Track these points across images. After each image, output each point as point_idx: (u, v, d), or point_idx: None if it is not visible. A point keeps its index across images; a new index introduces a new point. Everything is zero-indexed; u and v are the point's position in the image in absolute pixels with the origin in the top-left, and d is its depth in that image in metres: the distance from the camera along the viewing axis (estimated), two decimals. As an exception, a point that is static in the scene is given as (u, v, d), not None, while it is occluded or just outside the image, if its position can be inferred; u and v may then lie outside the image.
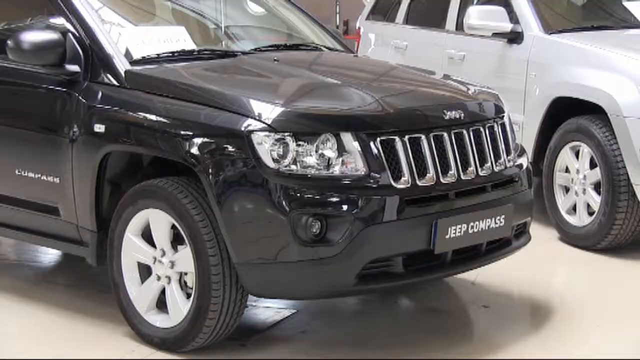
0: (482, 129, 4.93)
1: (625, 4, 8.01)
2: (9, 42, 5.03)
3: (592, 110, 6.59)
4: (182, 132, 4.54)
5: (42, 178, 5.20)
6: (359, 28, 9.56)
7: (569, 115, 6.82)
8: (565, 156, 6.84)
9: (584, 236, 6.70)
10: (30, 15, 5.52)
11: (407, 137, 4.52)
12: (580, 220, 6.76)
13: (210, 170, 4.39)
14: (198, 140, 4.47)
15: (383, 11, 9.17)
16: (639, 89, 6.30)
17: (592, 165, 6.61)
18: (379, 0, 9.44)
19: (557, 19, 7.57)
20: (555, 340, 5.02)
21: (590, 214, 6.66)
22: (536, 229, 5.49)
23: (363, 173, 4.39)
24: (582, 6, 8.39)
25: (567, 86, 6.83)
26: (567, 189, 6.85)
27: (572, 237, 6.82)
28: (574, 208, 6.80)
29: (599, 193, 6.58)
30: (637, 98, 6.28)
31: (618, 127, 6.35)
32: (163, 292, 4.73)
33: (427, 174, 4.56)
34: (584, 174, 6.68)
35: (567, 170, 6.84)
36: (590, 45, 6.94)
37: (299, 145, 4.34)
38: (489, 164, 4.90)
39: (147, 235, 4.75)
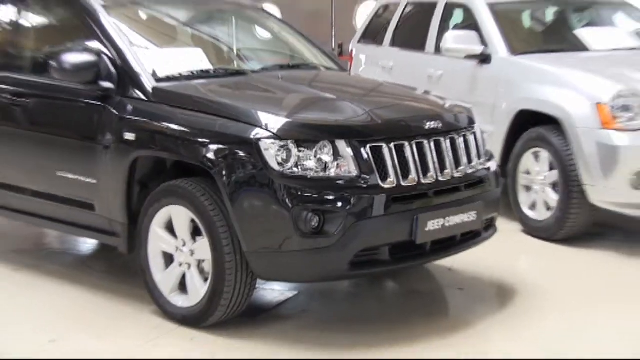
0: (456, 137, 4.97)
1: (576, 32, 8.05)
2: (52, 63, 5.10)
3: (550, 121, 6.65)
4: (200, 140, 4.61)
5: (80, 179, 5.24)
6: (352, 50, 9.59)
7: (531, 125, 6.87)
8: (528, 160, 6.89)
9: (543, 229, 6.76)
10: (70, 40, 5.50)
11: (392, 144, 4.58)
12: (540, 215, 6.81)
13: (224, 173, 4.45)
14: (214, 147, 4.53)
15: (372, 35, 9.19)
16: (589, 104, 6.33)
17: (550, 168, 6.63)
18: (368, 26, 9.46)
19: (520, 43, 7.60)
20: (519, 317, 5.08)
21: (548, 209, 6.70)
22: (502, 223, 5.53)
23: (355, 175, 4.44)
24: (542, 32, 8.45)
25: (529, 101, 6.89)
26: (528, 188, 6.88)
27: (532, 229, 6.87)
28: (534, 205, 6.81)
29: (556, 192, 6.61)
30: (587, 112, 6.33)
31: (572, 136, 6.41)
32: (184, 276, 4.77)
33: (410, 176, 4.61)
34: (543, 176, 6.72)
35: (528, 172, 6.89)
36: (548, 66, 7.01)
37: (300, 151, 4.40)
38: (463, 167, 4.95)
39: (170, 228, 4.80)
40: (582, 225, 6.60)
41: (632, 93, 6.25)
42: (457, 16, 8.21)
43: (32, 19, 6.03)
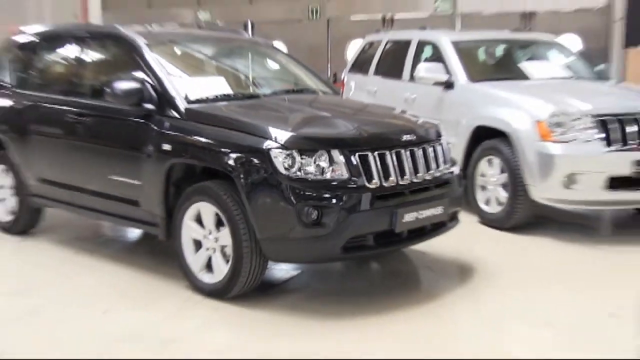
0: (427, 147, 4.96)
1: (520, 64, 8.07)
2: (107, 89, 5.11)
3: (500, 135, 6.63)
4: (223, 150, 4.60)
5: (128, 181, 5.22)
6: (343, 78, 9.56)
7: (486, 138, 6.85)
8: (483, 165, 6.87)
9: (495, 219, 6.73)
10: (121, 71, 5.49)
11: (376, 152, 4.58)
12: (492, 208, 6.78)
13: (242, 176, 4.44)
14: (234, 155, 4.52)
15: (360, 66, 9.17)
16: (530, 121, 6.32)
17: (501, 171, 6.61)
18: (357, 59, 9.44)
19: (477, 73, 7.60)
20: (477, 289, 5.05)
21: (499, 204, 6.69)
22: (463, 215, 5.47)
23: (346, 177, 4.44)
24: (493, 64, 8.43)
25: (484, 119, 6.87)
26: (483, 188, 6.85)
27: (487, 220, 6.83)
28: (489, 201, 6.78)
29: (505, 190, 6.59)
30: (529, 127, 6.32)
31: (517, 147, 6.40)
32: (210, 258, 4.75)
33: (390, 178, 4.60)
34: (496, 178, 6.70)
35: (484, 175, 6.87)
36: (499, 91, 7.01)
37: (302, 158, 4.40)
38: (432, 171, 4.93)
39: (198, 220, 4.78)
40: (525, 216, 6.58)
41: (563, 113, 6.22)
42: (427, 51, 8.19)
43: (91, 55, 5.98)
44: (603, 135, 6.15)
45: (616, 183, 6.16)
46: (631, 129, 6.20)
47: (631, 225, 7.08)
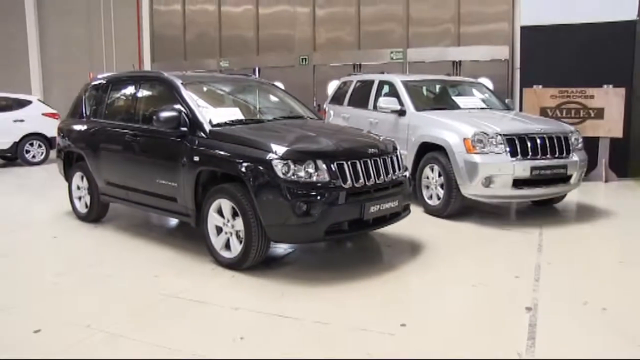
0: (387, 158, 4.93)
1: (452, 98, 8.00)
2: (154, 117, 5.09)
3: (439, 148, 6.58)
4: (237, 160, 4.55)
5: (169, 183, 5.17)
6: (325, 108, 9.51)
7: (429, 151, 6.80)
8: (427, 171, 6.82)
9: (436, 210, 6.68)
10: (163, 103, 5.39)
11: (349, 161, 4.56)
12: (434, 202, 6.74)
13: (251, 179, 4.42)
14: (245, 164, 4.48)
15: (337, 99, 9.14)
16: (460, 138, 6.29)
17: (439, 175, 6.57)
18: (335, 94, 9.41)
19: (421, 104, 7.56)
20: (424, 261, 5.01)
21: (439, 199, 6.64)
22: (413, 207, 5.45)
23: (327, 180, 4.41)
24: (433, 98, 8.37)
25: (427, 137, 6.82)
26: (427, 187, 6.83)
27: (430, 211, 6.77)
28: (431, 196, 6.77)
29: (442, 189, 6.55)
30: (459, 143, 6.28)
31: (451, 157, 6.37)
32: (228, 240, 4.71)
33: (360, 180, 4.58)
34: (436, 180, 6.66)
35: (427, 177, 6.82)
36: (438, 117, 6.94)
37: (295, 166, 4.36)
38: (390, 175, 4.89)
39: (220, 212, 4.73)
40: (457, 208, 6.54)
41: (483, 132, 6.20)
42: (386, 88, 8.13)
43: (143, 92, 5.92)
44: (509, 149, 6.15)
45: (519, 183, 6.18)
46: (529, 144, 6.22)
47: (529, 213, 7.08)
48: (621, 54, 9.50)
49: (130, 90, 6.06)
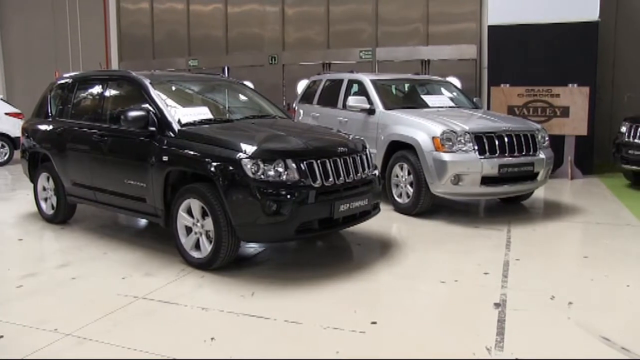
0: (356, 156, 4.94)
1: (421, 97, 8.06)
2: (121, 116, 5.06)
3: (408, 147, 6.61)
4: (207, 160, 4.51)
5: (138, 184, 5.11)
6: (295, 107, 9.47)
7: (398, 149, 6.82)
8: (396, 169, 6.85)
9: (405, 208, 6.72)
10: (131, 103, 5.35)
11: (319, 160, 4.55)
12: (403, 200, 6.78)
13: (220, 179, 4.38)
14: (214, 164, 4.44)
15: (307, 98, 9.10)
16: (429, 137, 6.33)
17: (409, 174, 6.62)
18: (304, 93, 9.37)
19: (390, 103, 7.58)
20: (393, 258, 5.02)
21: (409, 197, 6.69)
22: (383, 206, 5.50)
23: (297, 179, 4.39)
24: (402, 97, 8.43)
25: (396, 135, 6.85)
26: (397, 186, 6.88)
27: (399, 209, 6.82)
28: (401, 194, 6.82)
29: (412, 187, 6.59)
30: (428, 141, 6.32)
31: (420, 156, 6.41)
32: (198, 240, 4.67)
33: (329, 179, 4.58)
34: (405, 178, 6.71)
35: (397, 176, 6.86)
36: (406, 116, 6.95)
37: (265, 165, 4.34)
38: (360, 173, 4.91)
39: (189, 212, 4.69)
40: (427, 205, 6.58)
41: (451, 131, 6.25)
42: (355, 87, 8.16)
43: (110, 92, 5.83)
44: (478, 147, 6.23)
45: (487, 181, 6.26)
46: (497, 142, 6.30)
47: (497, 210, 7.17)
48: (585, 54, 9.71)
49: (97, 89, 5.96)
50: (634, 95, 11.22)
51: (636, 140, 8.19)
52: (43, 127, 6.39)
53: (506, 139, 6.36)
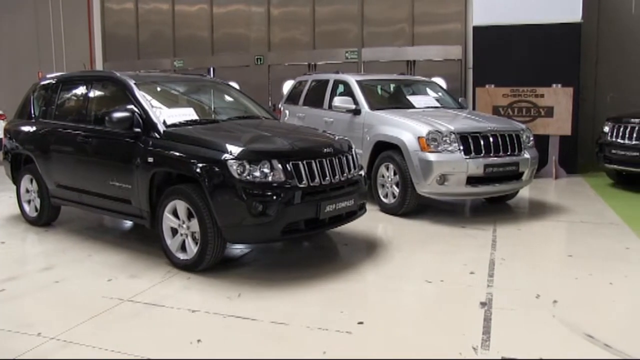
0: (342, 157, 4.94)
1: (407, 97, 8.08)
2: (106, 117, 5.01)
3: (394, 147, 6.63)
4: (192, 161, 4.49)
5: (123, 185, 5.07)
6: (280, 107, 9.46)
7: (384, 149, 6.83)
8: (382, 169, 6.86)
9: (391, 208, 6.73)
10: (116, 104, 5.32)
11: (305, 161, 4.55)
12: (389, 200, 6.79)
13: (206, 180, 4.36)
14: (200, 165, 4.42)
15: (292, 99, 9.09)
16: (415, 137, 6.34)
17: (395, 174, 6.64)
18: (290, 94, 9.35)
19: (376, 103, 7.61)
20: (379, 258, 5.03)
21: (394, 197, 6.70)
22: (369, 206, 5.53)
23: (283, 180, 4.38)
24: (388, 97, 8.46)
25: (382, 136, 6.86)
26: (383, 186, 6.88)
27: (386, 209, 6.83)
28: (387, 195, 6.82)
29: (398, 187, 6.61)
30: (414, 142, 6.33)
31: (406, 156, 6.42)
32: (184, 242, 4.65)
33: (315, 179, 4.58)
34: (391, 178, 6.72)
35: (383, 176, 6.87)
36: (392, 116, 6.97)
37: (250, 166, 4.32)
38: (346, 174, 4.91)
39: (175, 213, 4.67)
40: (413, 205, 6.60)
41: (436, 131, 6.28)
42: (341, 88, 8.17)
43: (95, 93, 5.79)
44: (463, 147, 6.26)
45: (472, 180, 6.30)
46: (482, 142, 6.34)
47: (483, 210, 7.22)
48: (568, 54, 9.79)
49: (81, 90, 5.91)
50: (616, 96, 11.34)
51: (619, 140, 8.28)
52: (26, 128, 6.32)
53: (491, 139, 6.40)
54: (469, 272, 4.60)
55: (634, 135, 8.03)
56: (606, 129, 8.65)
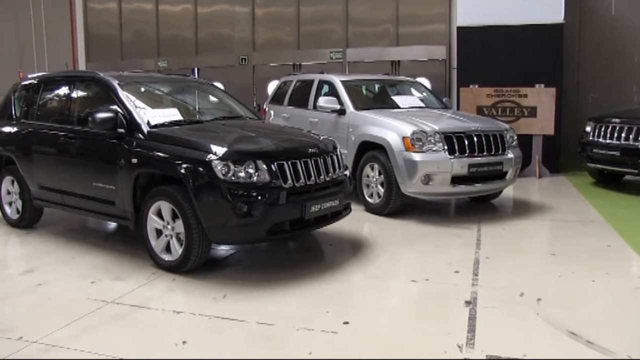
0: (327, 157, 4.95)
1: (391, 97, 8.11)
2: (89, 118, 4.97)
3: (379, 147, 6.64)
4: (177, 162, 4.46)
5: (106, 186, 5.04)
6: (265, 108, 9.44)
7: (368, 149, 6.85)
8: (367, 169, 6.87)
9: (376, 208, 6.75)
10: (99, 104, 5.28)
11: (290, 161, 4.55)
12: (374, 200, 6.81)
13: (191, 181, 4.33)
14: (185, 165, 4.40)
15: (277, 99, 9.08)
16: (399, 137, 6.36)
17: (379, 174, 6.65)
18: (275, 94, 9.33)
19: (361, 103, 7.61)
20: (365, 258, 5.04)
21: (379, 197, 6.72)
22: (354, 206, 5.54)
23: (268, 180, 4.38)
24: (372, 97, 8.46)
25: (367, 136, 6.87)
26: (368, 186, 6.90)
27: (371, 209, 6.84)
28: (372, 194, 6.85)
29: (382, 187, 6.62)
30: (399, 142, 6.35)
31: (391, 156, 6.44)
32: (169, 243, 4.63)
33: (300, 180, 4.57)
34: (376, 178, 6.74)
35: (368, 176, 6.88)
36: (377, 116, 6.99)
37: (235, 167, 4.30)
38: (331, 174, 4.92)
39: (159, 214, 4.65)
40: (398, 206, 6.61)
41: (421, 131, 6.30)
42: (325, 88, 8.16)
43: (77, 93, 5.74)
44: (448, 147, 6.29)
45: (457, 180, 6.33)
46: (466, 142, 6.37)
47: (467, 209, 7.26)
48: (551, 55, 9.88)
49: (64, 90, 5.86)
50: (597, 96, 11.48)
51: (600, 140, 8.37)
52: (7, 129, 6.25)
53: (475, 139, 6.44)
54: (453, 271, 4.63)
55: (615, 134, 8.13)
56: (588, 128, 8.74)
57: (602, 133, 8.39)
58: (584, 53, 11.62)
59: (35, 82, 6.27)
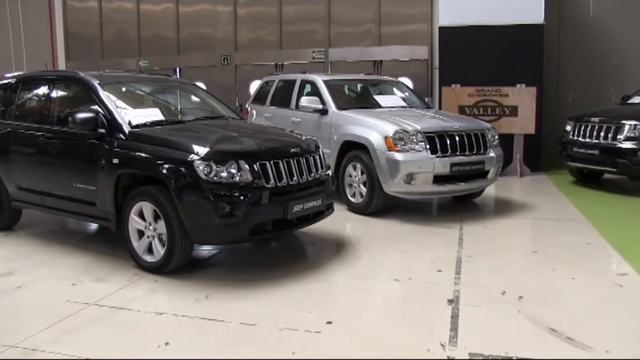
0: (309, 157, 4.95)
1: (373, 97, 8.13)
2: (69, 118, 4.90)
3: (361, 147, 6.65)
4: (158, 162, 4.44)
5: (87, 187, 4.99)
6: (247, 107, 9.42)
7: (351, 149, 6.85)
8: (350, 169, 6.88)
9: (359, 208, 6.76)
10: (79, 104, 5.23)
11: (272, 161, 4.54)
12: (357, 200, 6.82)
13: (172, 181, 4.31)
14: (166, 166, 4.37)
15: (259, 99, 9.05)
16: (382, 137, 6.37)
17: (362, 173, 6.66)
18: (257, 94, 9.31)
19: (343, 103, 7.62)
20: (347, 258, 5.05)
21: (362, 197, 6.73)
22: (336, 205, 5.55)
23: (250, 180, 4.37)
24: (355, 97, 8.48)
25: (349, 135, 6.88)
26: (350, 185, 6.91)
27: (353, 208, 6.85)
28: (355, 194, 6.84)
29: (365, 187, 6.63)
30: (381, 141, 6.36)
31: (373, 155, 6.46)
32: (151, 244, 4.60)
33: (283, 180, 4.57)
34: (358, 178, 6.73)
35: (350, 176, 6.89)
36: (359, 116, 7.00)
37: (217, 167, 4.29)
38: (313, 174, 4.92)
39: (141, 215, 4.61)
40: (380, 205, 6.63)
41: (403, 131, 6.32)
42: (308, 88, 8.16)
43: (57, 93, 5.67)
44: (430, 146, 6.31)
45: (439, 179, 6.36)
46: (448, 141, 6.41)
47: (450, 208, 7.31)
48: (532, 55, 9.98)
49: (43, 90, 5.78)
50: (577, 96, 11.61)
51: (580, 139, 8.47)
52: (-16, 129, 6.16)
53: (457, 138, 6.47)
54: (436, 269, 4.65)
55: (594, 133, 8.23)
56: (568, 128, 8.84)
57: (581, 132, 8.49)
58: (563, 54, 11.75)
59: (14, 81, 6.16)
